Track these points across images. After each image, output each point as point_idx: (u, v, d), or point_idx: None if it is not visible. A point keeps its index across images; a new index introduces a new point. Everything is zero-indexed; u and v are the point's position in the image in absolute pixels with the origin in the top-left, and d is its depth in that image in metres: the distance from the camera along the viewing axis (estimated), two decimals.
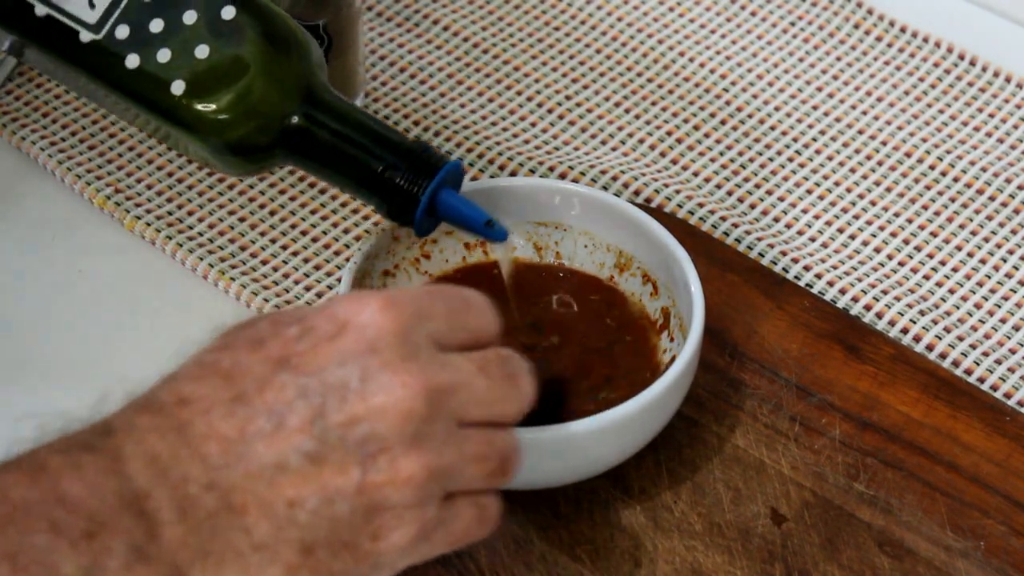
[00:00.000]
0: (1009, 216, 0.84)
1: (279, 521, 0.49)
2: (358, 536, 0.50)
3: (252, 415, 0.50)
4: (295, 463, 0.50)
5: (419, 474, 0.51)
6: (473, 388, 0.53)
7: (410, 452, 0.50)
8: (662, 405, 0.65)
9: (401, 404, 0.51)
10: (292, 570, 0.50)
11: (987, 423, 0.71)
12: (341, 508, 0.50)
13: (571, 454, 0.64)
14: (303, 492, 0.50)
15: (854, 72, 0.93)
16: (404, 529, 0.51)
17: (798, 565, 0.65)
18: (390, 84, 0.91)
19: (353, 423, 0.50)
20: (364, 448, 0.50)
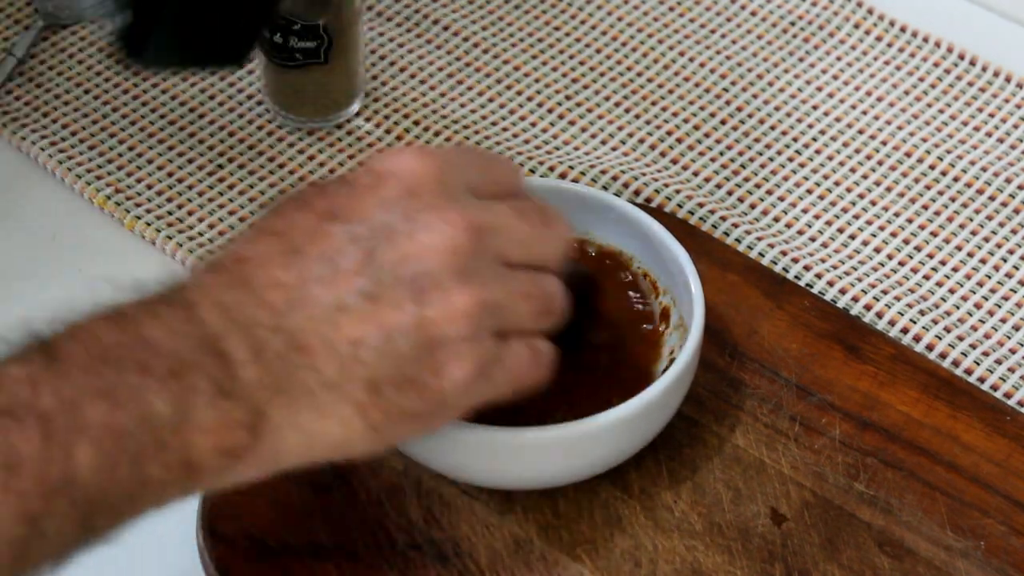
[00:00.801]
0: (1009, 216, 0.84)
1: (344, 359, 0.51)
2: (421, 371, 0.52)
3: (307, 263, 0.52)
4: (353, 303, 0.52)
5: (471, 306, 0.53)
6: (512, 229, 0.55)
7: (460, 286, 0.53)
8: (662, 405, 0.65)
9: (447, 240, 0.53)
10: (363, 408, 0.52)
11: (987, 423, 0.71)
12: (401, 344, 0.52)
13: (571, 454, 0.64)
14: (364, 330, 0.52)
15: (854, 72, 0.93)
16: (463, 363, 0.53)
17: (798, 565, 0.65)
18: (390, 84, 0.91)
19: (403, 262, 0.52)
20: (416, 284, 0.52)
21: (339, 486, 0.67)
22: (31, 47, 0.92)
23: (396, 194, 0.54)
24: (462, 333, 0.53)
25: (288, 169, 0.86)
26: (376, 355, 0.52)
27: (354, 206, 0.53)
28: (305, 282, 0.52)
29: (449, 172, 0.55)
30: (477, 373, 0.54)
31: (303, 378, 0.51)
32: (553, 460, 0.64)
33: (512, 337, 0.55)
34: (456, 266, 0.53)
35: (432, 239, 0.53)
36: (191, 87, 0.91)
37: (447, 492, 0.67)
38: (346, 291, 0.52)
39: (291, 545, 0.65)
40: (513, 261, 0.55)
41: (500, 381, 0.55)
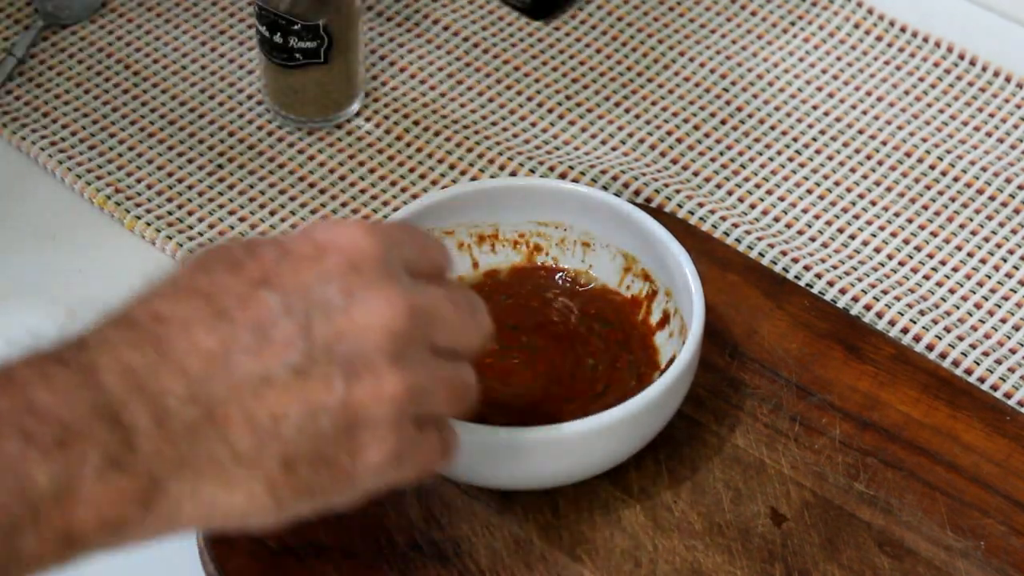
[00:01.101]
0: (1009, 216, 0.84)
1: (262, 433, 0.49)
2: (338, 452, 0.51)
3: (235, 330, 0.50)
4: (281, 376, 0.50)
5: (400, 391, 0.51)
6: (445, 316, 0.54)
7: (393, 369, 0.51)
8: (662, 405, 0.65)
9: (386, 322, 0.51)
10: (273, 485, 0.50)
11: (987, 423, 0.71)
12: (324, 422, 0.50)
13: (571, 454, 0.64)
14: (288, 405, 0.50)
15: (854, 72, 0.93)
16: (381, 447, 0.51)
17: (798, 565, 0.65)
18: (390, 84, 0.91)
19: (339, 339, 0.51)
20: (349, 363, 0.50)
21: None
22: (31, 47, 0.92)
23: (337, 268, 0.51)
24: (387, 417, 0.51)
25: (288, 169, 0.86)
26: (296, 431, 0.50)
27: (291, 276, 0.51)
28: (230, 350, 0.49)
29: (390, 250, 0.53)
30: (393, 458, 0.52)
31: (213, 451, 0.49)
32: (553, 460, 0.64)
33: (427, 424, 0.54)
34: (391, 349, 0.51)
35: (371, 318, 0.51)
36: (191, 87, 0.91)
37: (447, 492, 0.67)
38: (274, 363, 0.50)
39: (291, 545, 0.65)
40: (439, 347, 0.54)
41: (409, 467, 0.54)
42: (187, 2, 0.97)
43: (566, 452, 0.63)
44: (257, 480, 0.50)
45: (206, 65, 0.92)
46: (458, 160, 0.86)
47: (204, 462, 0.49)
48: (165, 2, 0.96)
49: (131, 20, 0.95)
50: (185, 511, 0.49)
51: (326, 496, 0.52)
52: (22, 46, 0.91)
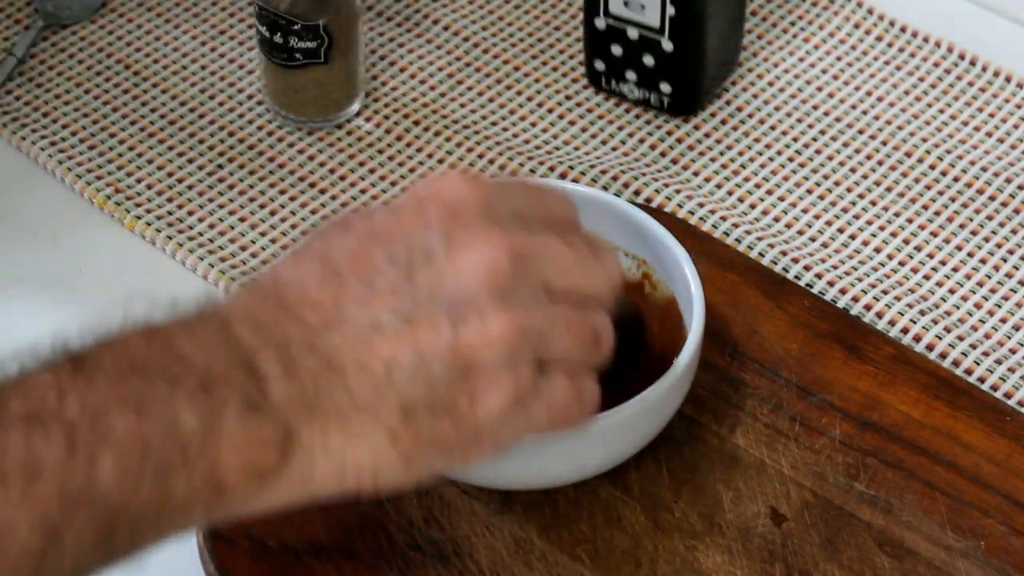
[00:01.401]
0: (1009, 216, 0.84)
1: (378, 381, 0.50)
2: (455, 398, 0.51)
3: (344, 284, 0.51)
4: (388, 323, 0.51)
5: (509, 332, 0.51)
6: (559, 257, 0.54)
7: (499, 310, 0.51)
8: (662, 406, 0.65)
9: (487, 263, 0.51)
10: (394, 434, 0.51)
11: (987, 423, 0.71)
12: (436, 367, 0.51)
13: (571, 454, 0.64)
14: (398, 352, 0.50)
15: (854, 72, 0.93)
16: (499, 391, 0.51)
17: (798, 565, 0.65)
18: (390, 84, 0.91)
19: (441, 283, 0.51)
20: (453, 306, 0.51)
21: None
22: (31, 47, 0.92)
23: (438, 216, 0.52)
24: (499, 359, 0.51)
25: (288, 169, 0.86)
26: (410, 377, 0.50)
27: (395, 228, 0.52)
28: (341, 302, 0.51)
29: (495, 197, 0.53)
30: (513, 403, 0.52)
31: (335, 399, 0.50)
32: (553, 460, 0.64)
33: (554, 370, 0.54)
34: (495, 289, 0.51)
35: (471, 260, 0.51)
36: (191, 87, 0.91)
37: (447, 492, 0.67)
38: (382, 311, 0.51)
39: (291, 545, 0.65)
40: (558, 291, 0.53)
41: (538, 416, 0.53)
42: (187, 2, 0.97)
43: (567, 452, 0.63)
44: (378, 428, 0.51)
45: (206, 65, 0.92)
46: (458, 160, 0.86)
47: (328, 410, 0.50)
48: (165, 2, 0.96)
49: (131, 20, 0.95)
50: (319, 465, 0.50)
51: (453, 448, 0.52)
52: (22, 46, 0.91)
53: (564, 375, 0.54)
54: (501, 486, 0.67)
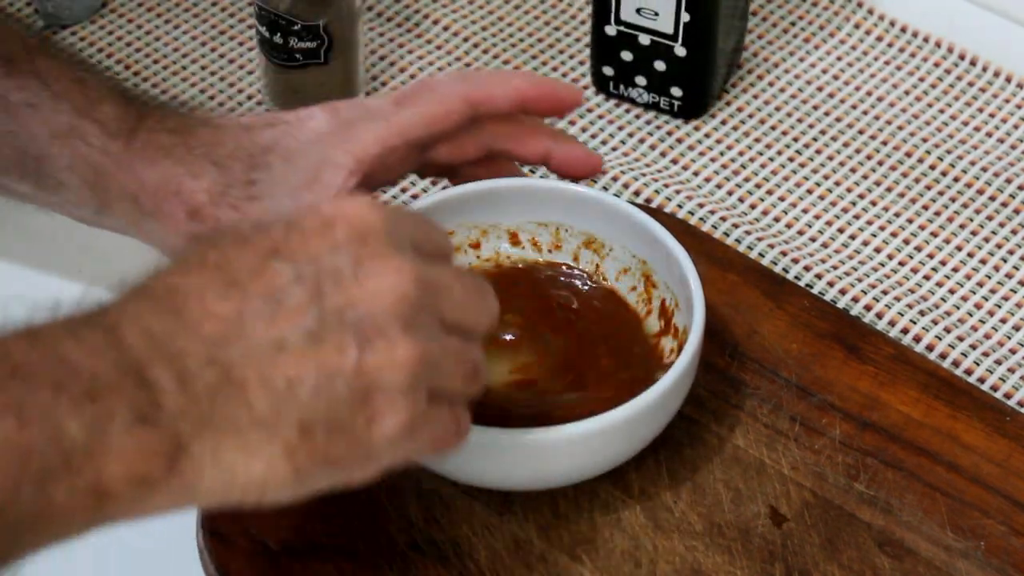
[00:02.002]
0: (1009, 216, 0.84)
1: (279, 397, 0.50)
2: (354, 418, 0.51)
3: (248, 298, 0.51)
4: (294, 342, 0.50)
5: (413, 358, 0.52)
6: (453, 290, 0.55)
7: (405, 336, 0.52)
8: (661, 407, 0.65)
9: (395, 288, 0.52)
10: (290, 450, 0.50)
11: (987, 423, 0.71)
12: (339, 387, 0.51)
13: (571, 455, 0.64)
14: (303, 370, 0.50)
15: (854, 72, 0.93)
16: (396, 415, 0.52)
17: (798, 565, 0.65)
18: (390, 84, 0.91)
19: (350, 305, 0.51)
20: (362, 329, 0.51)
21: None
22: None
23: (345, 238, 0.52)
24: (400, 383, 0.52)
25: None
26: (313, 396, 0.50)
27: (300, 247, 0.52)
28: (244, 317, 0.50)
29: (397, 225, 0.54)
30: (408, 427, 0.52)
31: (232, 413, 0.50)
32: (553, 461, 0.64)
33: (439, 399, 0.54)
34: (403, 315, 0.52)
35: (381, 285, 0.52)
36: (191, 87, 0.91)
37: (447, 492, 0.67)
38: (288, 329, 0.50)
39: (291, 545, 0.65)
40: (449, 323, 0.54)
41: (423, 442, 0.54)
42: (187, 2, 0.97)
43: (566, 453, 0.63)
44: (276, 445, 0.50)
45: (206, 65, 0.92)
46: None
47: (224, 424, 0.49)
48: (165, 2, 0.96)
49: (131, 20, 0.95)
50: (207, 476, 0.50)
51: (344, 467, 0.52)
52: None
53: (447, 404, 0.55)
54: (500, 487, 0.67)
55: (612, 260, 0.73)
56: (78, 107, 0.70)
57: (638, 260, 0.72)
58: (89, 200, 0.70)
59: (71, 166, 0.69)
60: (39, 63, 0.71)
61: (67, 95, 0.70)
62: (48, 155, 0.70)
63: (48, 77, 0.70)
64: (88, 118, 0.69)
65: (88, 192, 0.70)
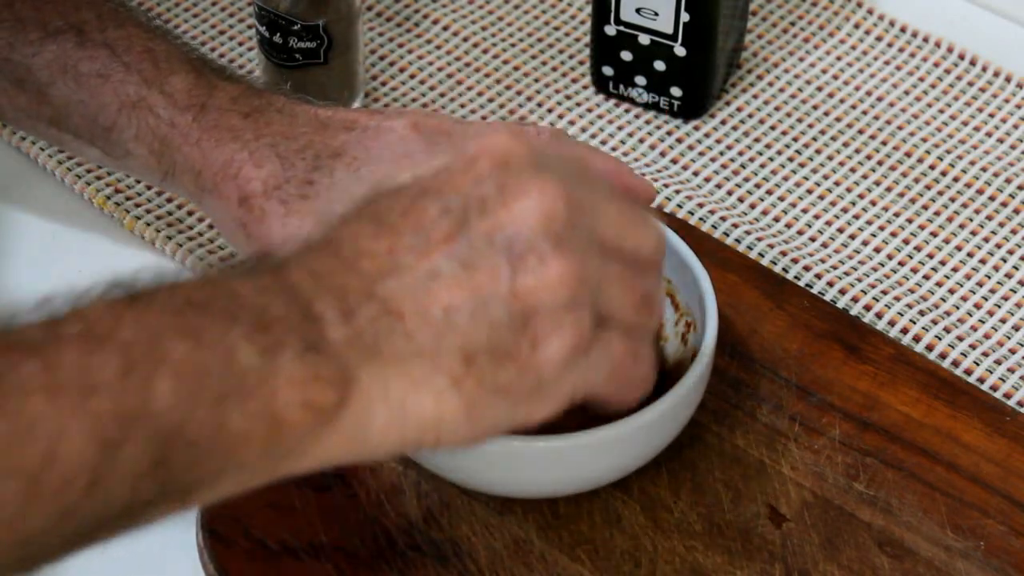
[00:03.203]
0: (1009, 216, 0.84)
1: (438, 327, 0.50)
2: (517, 342, 0.51)
3: (399, 234, 0.51)
4: (447, 270, 0.51)
5: (568, 275, 0.51)
6: (609, 210, 0.54)
7: (557, 253, 0.51)
8: (673, 417, 0.64)
9: (543, 207, 0.52)
10: (457, 380, 0.51)
11: (987, 423, 0.71)
12: (497, 312, 0.51)
13: (578, 465, 0.63)
14: (458, 297, 0.51)
15: (854, 72, 0.93)
16: (561, 335, 0.51)
17: (798, 565, 0.65)
18: (390, 84, 0.91)
19: (497, 228, 0.51)
20: (512, 250, 0.51)
21: (339, 486, 0.67)
22: None
23: (488, 168, 0.53)
24: (560, 301, 0.51)
25: None
26: (470, 322, 0.50)
27: (446, 183, 0.53)
28: (397, 251, 0.51)
29: (542, 151, 0.54)
30: (574, 349, 0.52)
31: (395, 344, 0.50)
32: (558, 470, 0.63)
33: (611, 326, 0.54)
34: (552, 233, 0.51)
35: (527, 206, 0.51)
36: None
37: (447, 492, 0.67)
38: (439, 258, 0.51)
39: (291, 545, 0.65)
40: (610, 246, 0.54)
41: (599, 368, 0.53)
42: (187, 2, 0.97)
43: (571, 464, 0.63)
44: (441, 376, 0.50)
45: None
46: None
47: (388, 355, 0.50)
48: (165, 2, 0.96)
49: None
50: (378, 412, 0.50)
51: (516, 397, 0.52)
52: None
53: (621, 333, 0.54)
54: (505, 494, 0.66)
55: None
56: (147, 78, 0.71)
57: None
58: (156, 168, 0.71)
59: (138, 136, 0.71)
60: (110, 33, 0.72)
61: (137, 66, 0.71)
62: (116, 125, 0.71)
63: (118, 48, 0.71)
64: (157, 89, 0.70)
65: (155, 161, 0.71)
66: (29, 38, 0.72)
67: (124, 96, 0.71)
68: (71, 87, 0.72)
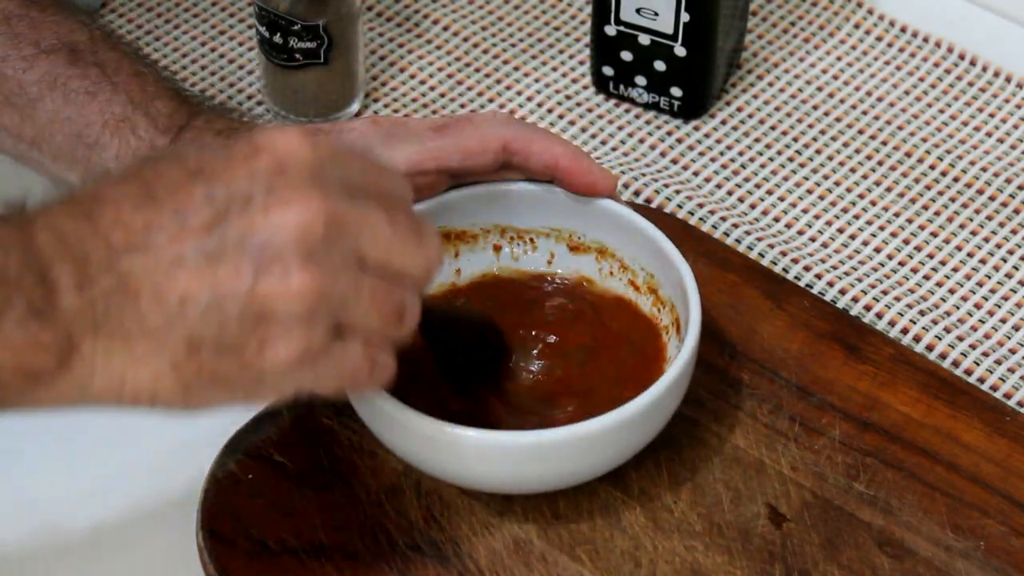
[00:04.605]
0: (1009, 216, 0.84)
1: (170, 311, 0.51)
2: (245, 342, 0.52)
3: (159, 212, 0.52)
4: (192, 259, 0.51)
5: (309, 289, 0.52)
6: (377, 230, 0.54)
7: (304, 267, 0.52)
8: (658, 409, 0.64)
9: (299, 220, 0.52)
10: (177, 366, 0.52)
11: (987, 423, 0.71)
12: (231, 309, 0.51)
13: (567, 459, 0.63)
14: (196, 288, 0.51)
15: (854, 72, 0.93)
16: (289, 344, 0.52)
17: (798, 565, 0.65)
18: (390, 84, 0.91)
19: (252, 231, 0.52)
20: (260, 255, 0.52)
21: (339, 486, 0.67)
22: None
23: (266, 167, 0.53)
24: (294, 313, 0.52)
25: None
26: (202, 314, 0.51)
27: (224, 170, 0.53)
28: (150, 229, 0.51)
29: (328, 161, 0.54)
30: (302, 357, 0.53)
31: (124, 320, 0.51)
32: (549, 464, 0.63)
33: (352, 336, 0.54)
34: (304, 247, 0.52)
35: (285, 216, 0.52)
36: (191, 87, 0.91)
37: (447, 492, 0.67)
38: (188, 246, 0.51)
39: (291, 545, 0.65)
40: (370, 262, 0.54)
41: (325, 376, 0.54)
42: (187, 2, 0.97)
43: (563, 456, 0.63)
44: (163, 358, 0.52)
45: (206, 65, 0.92)
46: None
47: (115, 329, 0.51)
48: (165, 2, 0.96)
49: (131, 20, 0.95)
50: (97, 378, 0.51)
51: (233, 388, 0.53)
52: None
53: (360, 343, 0.55)
54: (498, 490, 0.67)
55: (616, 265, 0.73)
56: (134, 99, 0.72)
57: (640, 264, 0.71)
58: None
59: (118, 156, 0.71)
60: (102, 55, 0.73)
61: (125, 87, 0.72)
62: (99, 142, 0.72)
63: (109, 68, 0.73)
64: (141, 111, 0.72)
65: None
66: (23, 54, 0.73)
67: (110, 114, 0.72)
68: (59, 103, 0.72)
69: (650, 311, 0.71)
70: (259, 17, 0.84)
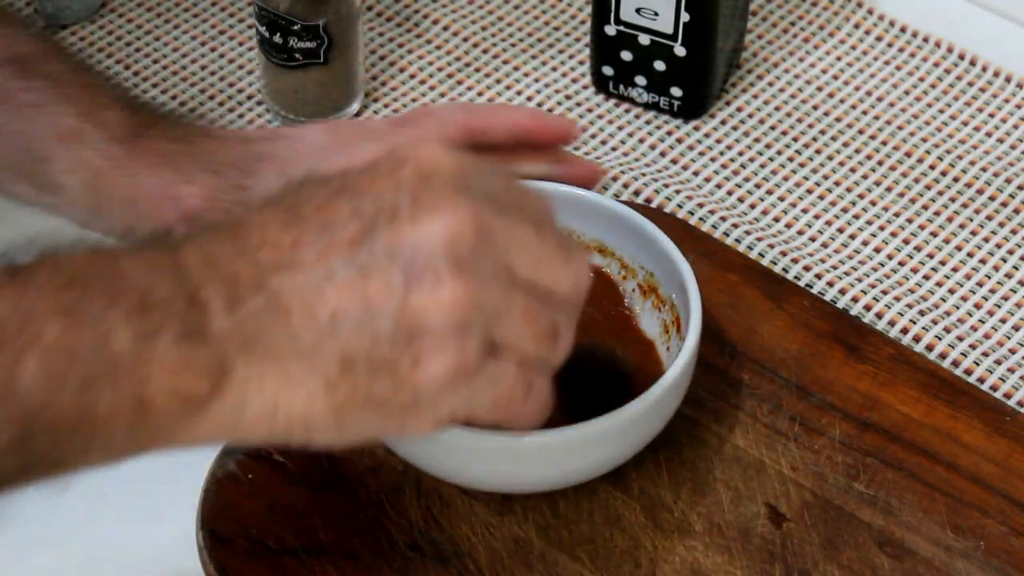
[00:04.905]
0: (1009, 216, 0.84)
1: (321, 329, 0.50)
2: (398, 357, 0.50)
3: (306, 229, 0.51)
4: (342, 274, 0.50)
5: (462, 299, 0.50)
6: (527, 243, 0.53)
7: (455, 277, 0.50)
8: (659, 408, 0.64)
9: (449, 229, 0.51)
10: (331, 385, 0.50)
11: (987, 423, 0.71)
12: (383, 324, 0.50)
13: (568, 457, 0.63)
14: (347, 303, 0.50)
15: (854, 72, 0.93)
16: (443, 358, 0.51)
17: (798, 565, 0.65)
18: (390, 84, 0.91)
19: (401, 242, 0.51)
20: (410, 266, 0.50)
21: (339, 486, 0.67)
22: None
23: (411, 177, 0.52)
24: (448, 325, 0.50)
25: None
26: (355, 330, 0.50)
27: (366, 185, 0.52)
28: (298, 246, 0.51)
29: (471, 172, 0.53)
30: (455, 374, 0.51)
31: (276, 341, 0.50)
32: (549, 464, 0.63)
33: (505, 357, 0.53)
34: (454, 256, 0.50)
35: (434, 225, 0.51)
36: (191, 87, 0.91)
37: (447, 492, 0.67)
38: (337, 260, 0.50)
39: (291, 545, 0.65)
40: (521, 277, 0.52)
41: (481, 397, 0.53)
42: (187, 2, 0.97)
43: (563, 456, 0.63)
44: (316, 378, 0.50)
45: (206, 65, 0.92)
46: None
47: (267, 350, 0.50)
48: (165, 2, 0.96)
49: (131, 20, 0.95)
50: (251, 403, 0.50)
51: (388, 409, 0.51)
52: None
53: (515, 364, 0.53)
54: (498, 490, 0.67)
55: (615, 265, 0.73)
56: (84, 111, 0.70)
57: (640, 263, 0.71)
58: (86, 202, 0.71)
59: (71, 168, 0.70)
60: (51, 66, 0.72)
61: (75, 98, 0.71)
62: (51, 156, 0.70)
63: (58, 80, 0.71)
64: (92, 122, 0.70)
65: (87, 194, 0.70)
66: None
67: (61, 127, 0.70)
68: (9, 117, 0.71)
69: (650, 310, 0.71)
70: (259, 17, 0.84)
